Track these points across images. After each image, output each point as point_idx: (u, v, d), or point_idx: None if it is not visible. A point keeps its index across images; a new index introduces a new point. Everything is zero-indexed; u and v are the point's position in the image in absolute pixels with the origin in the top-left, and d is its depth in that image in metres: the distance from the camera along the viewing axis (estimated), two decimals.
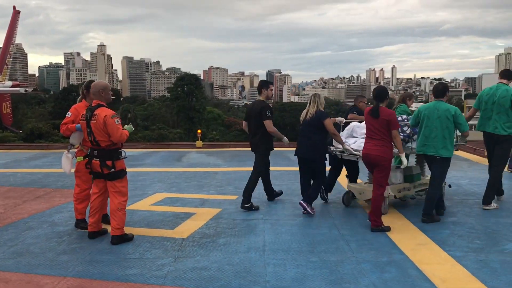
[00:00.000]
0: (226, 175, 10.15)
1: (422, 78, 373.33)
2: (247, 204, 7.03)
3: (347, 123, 7.55)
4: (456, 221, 6.41)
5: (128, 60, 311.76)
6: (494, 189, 7.12)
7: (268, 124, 6.91)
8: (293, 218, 6.64)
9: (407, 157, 6.36)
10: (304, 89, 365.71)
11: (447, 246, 5.38)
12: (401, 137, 6.55)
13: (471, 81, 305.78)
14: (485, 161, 11.13)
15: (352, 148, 6.84)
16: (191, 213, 6.94)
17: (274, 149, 7.34)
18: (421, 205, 6.80)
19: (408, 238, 5.70)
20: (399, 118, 6.72)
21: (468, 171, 10.32)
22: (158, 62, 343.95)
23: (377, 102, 6.12)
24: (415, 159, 7.73)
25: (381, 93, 6.16)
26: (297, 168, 7.01)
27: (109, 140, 5.45)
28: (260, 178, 7.32)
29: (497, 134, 6.94)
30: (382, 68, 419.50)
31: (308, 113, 6.70)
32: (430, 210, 6.34)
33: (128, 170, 5.73)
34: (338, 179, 7.85)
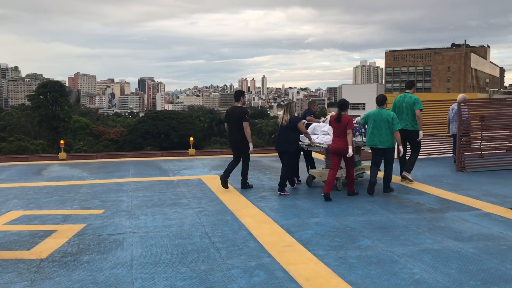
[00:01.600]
0: (91, 188, 9.58)
1: (290, 87, 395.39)
2: (246, 185, 9.08)
3: (308, 124, 9.53)
4: (319, 221, 6.81)
5: None
6: (413, 163, 9.65)
7: (246, 126, 8.76)
8: (163, 229, 6.48)
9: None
10: (178, 97, 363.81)
11: (311, 246, 5.68)
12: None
13: (332, 91, 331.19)
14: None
15: (316, 142, 8.87)
16: (51, 231, 6.40)
17: (146, 159, 7.32)
18: (292, 207, 7.14)
19: (276, 241, 5.90)
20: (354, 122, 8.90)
21: None
22: (16, 67, 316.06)
23: (339, 111, 8.39)
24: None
25: (343, 104, 8.50)
26: (168, 178, 6.99)
27: None
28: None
29: (407, 129, 9.37)
30: (253, 78, 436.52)
31: (284, 120, 8.63)
32: (388, 185, 8.68)
33: None
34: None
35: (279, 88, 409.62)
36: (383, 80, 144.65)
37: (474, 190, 8.79)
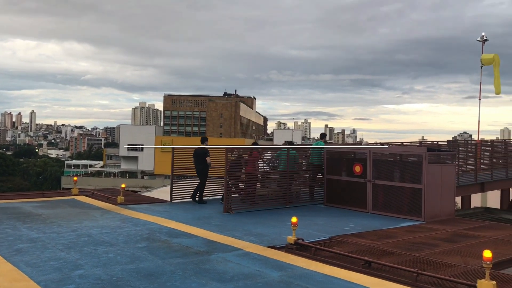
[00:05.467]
0: None
1: (63, 125, 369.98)
2: (201, 202, 13.16)
3: None
4: (83, 273, 6.33)
5: None
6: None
7: (208, 159, 13.00)
8: None
9: None
10: None
11: None
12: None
13: (110, 131, 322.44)
14: (116, 208, 11.74)
15: None
16: None
17: None
18: (53, 259, 6.41)
19: None
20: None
21: (100, 219, 10.49)
22: None
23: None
24: None
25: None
26: None
27: None
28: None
29: (314, 163, 13.92)
30: (20, 112, 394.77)
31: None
32: None
33: None
34: None
35: (51, 125, 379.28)
36: (162, 123, 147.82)
37: (237, 231, 9.47)
